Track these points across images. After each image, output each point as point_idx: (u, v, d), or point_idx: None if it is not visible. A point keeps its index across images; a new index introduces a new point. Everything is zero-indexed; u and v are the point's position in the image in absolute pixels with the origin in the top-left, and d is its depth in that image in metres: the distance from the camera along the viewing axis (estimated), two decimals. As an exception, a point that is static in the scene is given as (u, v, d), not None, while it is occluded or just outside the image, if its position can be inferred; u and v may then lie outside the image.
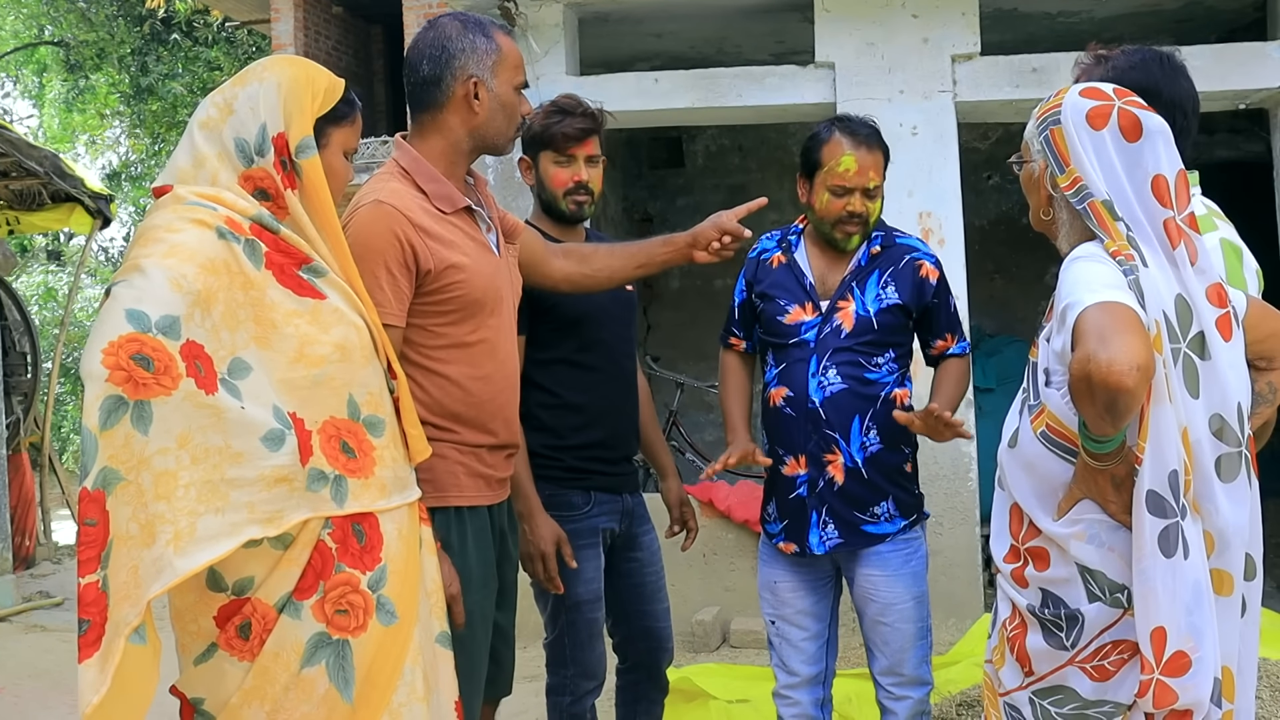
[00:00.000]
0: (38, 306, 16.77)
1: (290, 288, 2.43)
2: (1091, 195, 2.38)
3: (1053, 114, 2.46)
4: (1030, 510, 2.45)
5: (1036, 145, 2.51)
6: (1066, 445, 2.37)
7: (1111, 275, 2.27)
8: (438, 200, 2.95)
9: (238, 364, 2.31)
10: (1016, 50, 6.93)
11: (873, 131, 3.50)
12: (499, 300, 3.04)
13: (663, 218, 10.81)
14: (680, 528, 3.91)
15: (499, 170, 6.86)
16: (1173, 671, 2.27)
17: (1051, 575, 2.41)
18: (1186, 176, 2.43)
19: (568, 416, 3.57)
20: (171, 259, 2.26)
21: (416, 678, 2.50)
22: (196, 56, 16.14)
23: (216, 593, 2.34)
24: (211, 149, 2.46)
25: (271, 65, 2.54)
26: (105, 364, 2.11)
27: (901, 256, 3.52)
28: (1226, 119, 8.80)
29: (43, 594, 8.34)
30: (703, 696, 4.83)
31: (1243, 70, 6.48)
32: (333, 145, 2.60)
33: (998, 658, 2.56)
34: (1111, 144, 2.39)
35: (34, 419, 9.68)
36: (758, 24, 7.70)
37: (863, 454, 3.42)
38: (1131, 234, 2.34)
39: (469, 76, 2.99)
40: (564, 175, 3.57)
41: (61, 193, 9.24)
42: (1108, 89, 2.47)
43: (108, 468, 2.11)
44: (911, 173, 6.61)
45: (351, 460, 2.45)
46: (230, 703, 2.35)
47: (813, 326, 3.47)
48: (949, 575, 6.32)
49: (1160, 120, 2.42)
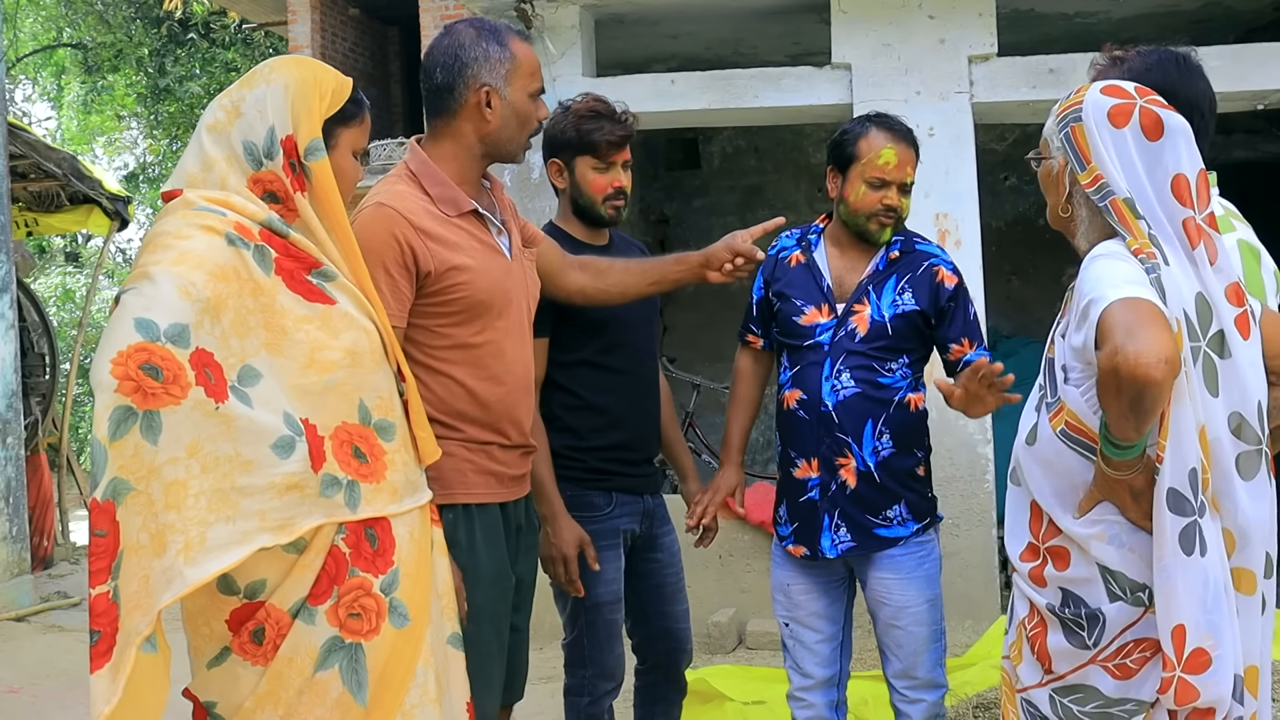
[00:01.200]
0: (56, 308, 16.83)
1: (300, 293, 2.42)
2: (1113, 193, 2.38)
3: (1074, 111, 2.46)
4: (1049, 508, 2.45)
5: (1056, 142, 2.51)
6: (1086, 443, 2.37)
7: (1134, 272, 2.27)
8: (442, 203, 2.97)
9: (248, 371, 2.31)
10: (1033, 51, 6.92)
11: (909, 129, 3.53)
12: (507, 303, 3.05)
13: (679, 219, 10.81)
14: (702, 527, 3.90)
15: (515, 172, 6.87)
16: (1194, 669, 2.27)
17: (1072, 575, 2.41)
18: (1207, 176, 2.43)
19: (590, 418, 3.57)
20: (180, 266, 2.25)
21: (429, 679, 2.51)
22: (213, 58, 16.19)
23: (229, 596, 2.35)
24: (220, 152, 2.45)
25: (278, 67, 2.53)
26: (114, 374, 2.11)
27: (920, 263, 3.51)
28: (1244, 120, 8.77)
29: (60, 594, 8.37)
30: (719, 698, 4.83)
31: (1261, 70, 6.45)
32: (341, 146, 2.59)
33: (1015, 654, 2.56)
34: (1133, 142, 2.39)
35: (52, 420, 9.73)
36: (774, 25, 7.70)
37: (875, 458, 3.42)
38: (1153, 232, 2.35)
39: (482, 85, 3.00)
40: (603, 181, 3.57)
41: (80, 194, 9.29)
42: (1129, 87, 2.47)
43: (118, 478, 2.11)
44: (928, 174, 6.55)
45: (364, 465, 2.45)
46: (244, 707, 2.35)
47: (827, 329, 3.47)
48: (965, 577, 6.31)
49: (1181, 119, 2.43)
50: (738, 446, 3.76)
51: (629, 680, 3.79)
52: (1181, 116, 2.44)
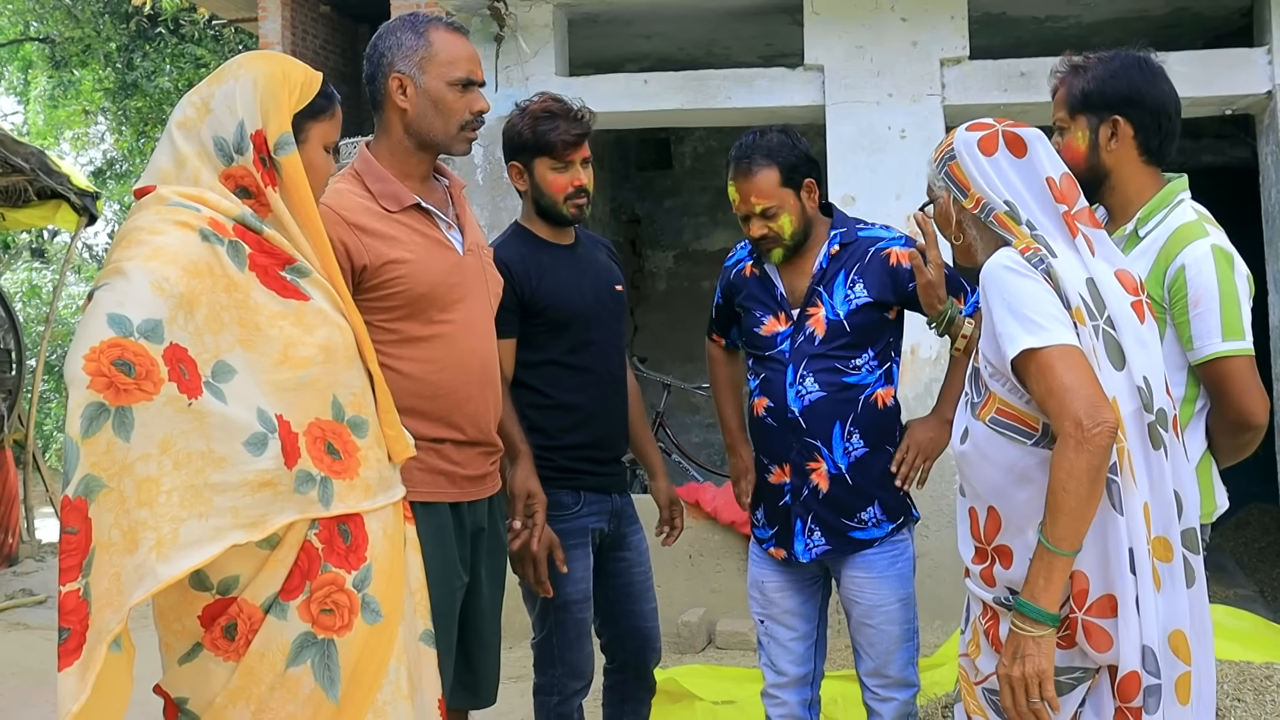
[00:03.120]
0: (22, 304, 16.70)
1: (274, 289, 2.41)
2: (993, 208, 2.60)
3: (948, 152, 2.69)
4: (995, 501, 2.54)
5: (940, 183, 2.73)
6: (1018, 426, 2.49)
7: (1034, 290, 2.44)
8: (384, 199, 3.00)
9: (222, 367, 2.30)
10: (1005, 54, 6.94)
11: (760, 152, 3.44)
12: (454, 298, 3.06)
13: (650, 218, 10.82)
14: (669, 527, 3.92)
15: (487, 171, 6.87)
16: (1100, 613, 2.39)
17: (1014, 576, 2.49)
18: (1071, 176, 2.62)
19: (558, 417, 3.58)
20: (154, 261, 2.24)
21: (401, 676, 2.50)
22: (182, 54, 16.07)
23: (201, 592, 2.33)
24: (191, 148, 2.44)
25: (246, 62, 2.52)
26: (87, 370, 2.10)
27: (866, 250, 3.48)
28: (1213, 125, 8.83)
29: (26, 592, 8.31)
30: (688, 697, 4.83)
31: (1229, 76, 6.50)
32: (312, 140, 2.58)
33: (973, 649, 2.64)
34: (1006, 163, 2.61)
35: (18, 416, 9.65)
36: (747, 26, 7.71)
37: (847, 459, 3.43)
38: (1036, 232, 2.54)
39: (395, 73, 3.06)
40: (563, 181, 3.57)
41: (48, 189, 9.20)
42: (988, 120, 2.70)
43: (90, 475, 2.10)
44: (899, 175, 6.63)
45: (337, 462, 2.45)
46: (215, 702, 2.34)
47: (786, 337, 3.48)
48: (935, 578, 6.33)
49: (1035, 129, 2.64)
50: (738, 426, 3.78)
51: (598, 679, 3.79)
52: (1033, 127, 2.65)
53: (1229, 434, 2.90)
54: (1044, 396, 2.38)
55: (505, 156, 3.66)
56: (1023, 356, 2.39)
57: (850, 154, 6.69)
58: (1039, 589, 2.36)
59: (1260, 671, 4.45)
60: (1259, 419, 2.83)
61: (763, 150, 3.44)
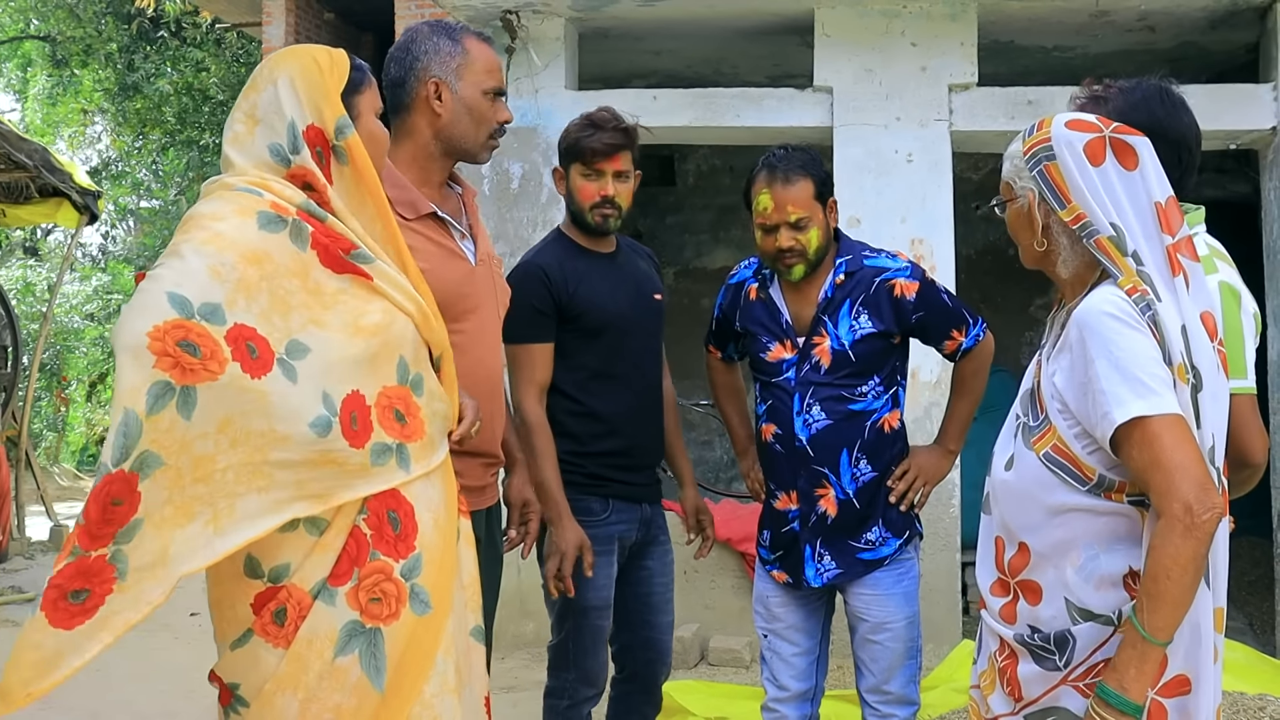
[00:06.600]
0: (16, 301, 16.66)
1: (331, 268, 2.42)
2: (1097, 231, 2.32)
3: (1044, 148, 2.40)
4: (1027, 536, 2.39)
5: (1024, 182, 2.43)
6: (1069, 468, 2.32)
7: (1144, 347, 2.23)
8: (400, 206, 2.97)
9: (295, 345, 2.31)
10: (1012, 82, 6.98)
11: (796, 163, 3.46)
12: (467, 308, 3.06)
13: (652, 234, 10.83)
14: (697, 534, 3.91)
15: (494, 181, 6.87)
16: (1169, 693, 2.23)
17: (1041, 614, 2.37)
18: (1175, 200, 2.39)
19: (589, 424, 3.59)
20: (211, 246, 2.25)
21: (449, 670, 2.49)
22: (183, 57, 16.08)
23: (253, 579, 2.34)
24: (249, 161, 2.44)
25: (277, 64, 2.51)
26: (152, 349, 2.11)
27: (871, 280, 3.46)
28: (1213, 159, 8.86)
29: (15, 589, 8.28)
30: (682, 713, 4.85)
31: (1235, 111, 6.55)
32: (363, 113, 2.58)
33: (987, 684, 2.51)
34: (1115, 176, 2.34)
35: (12, 413, 9.62)
36: (756, 46, 7.74)
37: (855, 485, 3.44)
38: (1143, 268, 2.29)
39: (431, 77, 3.05)
40: (591, 189, 3.60)
41: (49, 187, 9.20)
42: (1090, 117, 2.42)
43: (149, 451, 2.10)
44: (905, 199, 6.65)
45: (404, 426, 2.46)
46: (264, 689, 2.33)
47: (792, 365, 3.48)
48: (929, 601, 6.30)
49: (1143, 136, 2.39)
50: (746, 435, 3.83)
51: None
52: (1141, 134, 2.40)
53: (1227, 472, 2.87)
54: (1147, 469, 2.18)
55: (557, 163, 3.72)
56: (1128, 423, 2.19)
57: (857, 176, 6.71)
58: (1129, 679, 2.16)
59: (1254, 703, 4.48)
60: (1258, 458, 2.75)
61: (798, 162, 3.46)
